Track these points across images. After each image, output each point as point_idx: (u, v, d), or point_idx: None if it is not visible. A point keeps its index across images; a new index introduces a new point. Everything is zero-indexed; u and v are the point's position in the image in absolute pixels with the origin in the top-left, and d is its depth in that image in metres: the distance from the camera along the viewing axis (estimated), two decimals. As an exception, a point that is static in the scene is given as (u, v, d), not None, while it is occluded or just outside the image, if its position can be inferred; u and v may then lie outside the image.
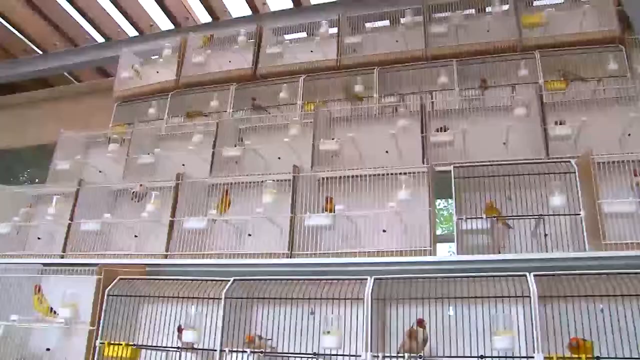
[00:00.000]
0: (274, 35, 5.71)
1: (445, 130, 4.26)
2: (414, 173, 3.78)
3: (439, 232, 7.63)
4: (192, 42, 5.77)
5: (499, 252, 3.56)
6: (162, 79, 5.71)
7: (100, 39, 6.78)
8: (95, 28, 6.55)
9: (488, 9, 5.12)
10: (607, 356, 2.82)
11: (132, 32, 6.59)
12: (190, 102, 5.50)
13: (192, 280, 3.63)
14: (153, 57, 6.14)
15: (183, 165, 4.85)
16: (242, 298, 3.44)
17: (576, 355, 2.78)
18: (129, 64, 5.92)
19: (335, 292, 3.24)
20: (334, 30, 5.44)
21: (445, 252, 5.39)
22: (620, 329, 2.93)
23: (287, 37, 5.85)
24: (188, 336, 3.34)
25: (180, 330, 3.47)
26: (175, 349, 3.44)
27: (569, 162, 3.63)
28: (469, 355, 2.95)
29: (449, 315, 3.20)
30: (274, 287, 3.44)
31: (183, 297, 3.60)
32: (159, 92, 5.63)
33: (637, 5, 5.18)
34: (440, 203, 7.75)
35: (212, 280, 3.56)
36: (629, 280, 2.94)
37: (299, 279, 3.36)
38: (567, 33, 4.85)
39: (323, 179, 4.16)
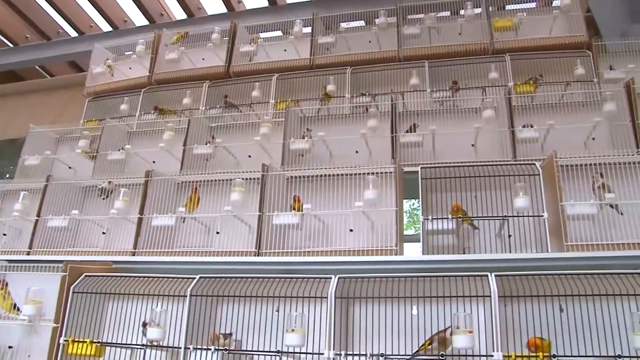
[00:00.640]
0: (249, 34, 5.70)
1: (414, 129, 4.28)
2: (381, 173, 3.79)
3: (412, 232, 7.72)
4: (166, 39, 5.74)
5: (464, 252, 3.60)
6: (134, 75, 5.68)
7: (73, 33, 6.71)
8: (68, 22, 6.47)
9: (462, 12, 5.18)
10: (563, 354, 2.87)
11: (105, 27, 6.54)
12: (163, 99, 5.48)
13: (159, 277, 3.61)
14: (127, 53, 6.09)
15: (154, 162, 4.83)
16: (207, 295, 3.43)
17: (534, 354, 2.82)
18: (101, 60, 5.87)
19: (300, 291, 3.25)
20: (309, 29, 5.46)
21: (418, 252, 5.40)
22: (577, 328, 2.99)
23: (262, 35, 5.85)
24: (153, 333, 3.32)
25: (145, 325, 3.45)
26: (140, 347, 3.42)
27: (534, 164, 3.68)
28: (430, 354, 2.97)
29: (412, 315, 3.22)
30: (240, 285, 3.44)
31: (148, 295, 3.58)
32: (131, 89, 5.61)
33: (604, 12, 5.31)
34: (414, 203, 7.83)
35: (178, 278, 3.54)
36: (588, 280, 2.99)
37: (264, 277, 3.36)
38: (537, 37, 4.93)
39: (293, 177, 4.17)
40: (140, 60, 5.70)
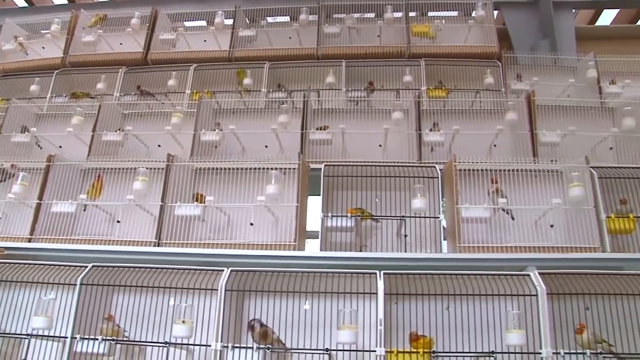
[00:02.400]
0: (171, 22, 5.61)
1: (324, 129, 4.34)
2: (286, 169, 3.82)
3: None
4: (83, 20, 5.56)
5: (360, 250, 3.68)
6: (48, 56, 5.47)
7: (-17, 6, 6.39)
8: (-22, -6, 6.17)
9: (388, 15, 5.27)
10: (442, 351, 2.98)
11: (21, 1, 6.26)
12: (77, 82, 5.31)
13: (51, 265, 3.49)
14: (43, 32, 5.85)
15: (60, 147, 4.67)
16: (97, 284, 3.35)
17: (415, 350, 2.92)
18: (12, 36, 5.61)
19: (191, 282, 3.22)
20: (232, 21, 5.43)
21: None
22: (457, 326, 3.13)
23: (187, 24, 5.77)
24: (38, 322, 3.21)
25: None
26: (25, 336, 3.29)
27: (434, 167, 3.79)
28: (316, 348, 3.02)
29: (305, 309, 3.27)
30: (137, 275, 3.38)
31: (37, 282, 3.45)
32: (43, 69, 5.40)
33: (518, 26, 5.57)
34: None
35: (71, 266, 3.44)
36: (471, 280, 3.12)
37: (157, 268, 3.31)
38: (452, 45, 5.10)
39: (200, 169, 4.13)
40: (55, 40, 5.50)
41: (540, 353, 2.86)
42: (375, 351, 2.88)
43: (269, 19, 5.63)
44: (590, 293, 3.13)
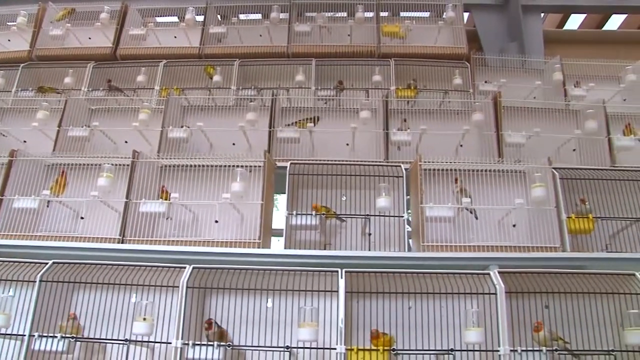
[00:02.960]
0: (141, 17, 5.55)
1: (315, 120, 4.34)
2: (253, 166, 3.81)
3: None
4: (51, 13, 5.47)
5: (324, 249, 3.69)
6: (14, 48, 5.38)
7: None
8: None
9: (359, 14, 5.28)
10: (402, 349, 3.01)
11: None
12: (44, 77, 5.23)
13: (11, 262, 3.43)
14: (9, 24, 5.73)
15: (25, 142, 4.59)
16: (57, 282, 3.29)
17: (375, 348, 2.94)
18: (-26, 27, 5.52)
19: (155, 280, 3.20)
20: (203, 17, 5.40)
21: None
22: (417, 324, 3.16)
23: (158, 20, 5.72)
24: (-6, 320, 3.15)
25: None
26: (-21, 335, 3.23)
27: (400, 166, 3.82)
28: (276, 345, 3.03)
29: (267, 307, 3.27)
30: (98, 272, 3.34)
31: (-5, 280, 3.39)
32: (8, 62, 5.30)
33: (488, 28, 5.64)
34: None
35: (32, 263, 3.39)
36: (432, 279, 3.15)
37: (118, 265, 3.28)
38: (422, 45, 5.15)
39: (167, 166, 4.11)
40: (22, 33, 5.40)
41: (498, 351, 2.90)
42: (335, 349, 2.89)
43: (242, 16, 5.62)
44: (548, 292, 3.20)
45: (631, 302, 3.11)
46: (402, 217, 3.66)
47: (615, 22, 6.75)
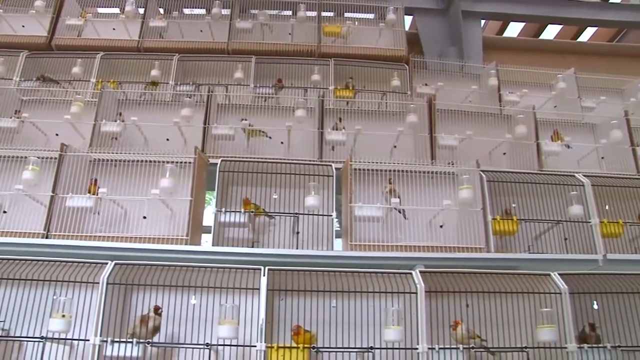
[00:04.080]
0: (79, 6, 5.42)
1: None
2: (184, 162, 3.78)
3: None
4: (-16, 0, 5.30)
5: (253, 246, 3.70)
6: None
7: None
8: None
9: (300, 13, 5.30)
10: (324, 346, 3.04)
11: None
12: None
13: None
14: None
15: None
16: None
17: (295, 346, 2.96)
18: None
19: (76, 275, 3.13)
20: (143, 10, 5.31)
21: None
22: (339, 322, 3.20)
23: (99, 10, 5.59)
24: None
25: None
26: None
27: (330, 166, 3.85)
28: (197, 342, 3.02)
29: (193, 304, 3.25)
30: (18, 267, 3.24)
31: None
32: None
33: (429, 32, 5.75)
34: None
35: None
36: (364, 278, 3.19)
37: (38, 260, 3.18)
38: (362, 46, 5.20)
39: (98, 160, 4.02)
40: (-51, 19, 5.20)
41: (417, 348, 2.97)
42: (255, 346, 2.90)
43: (186, 11, 5.56)
44: (467, 291, 3.29)
45: (545, 301, 3.23)
46: (330, 216, 3.69)
47: (551, 32, 7.00)
